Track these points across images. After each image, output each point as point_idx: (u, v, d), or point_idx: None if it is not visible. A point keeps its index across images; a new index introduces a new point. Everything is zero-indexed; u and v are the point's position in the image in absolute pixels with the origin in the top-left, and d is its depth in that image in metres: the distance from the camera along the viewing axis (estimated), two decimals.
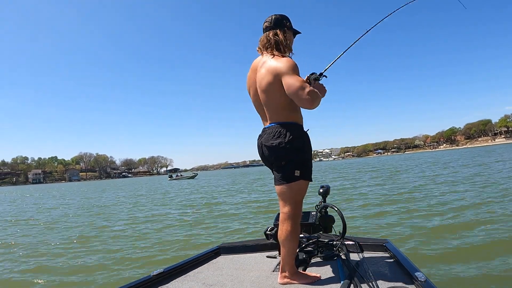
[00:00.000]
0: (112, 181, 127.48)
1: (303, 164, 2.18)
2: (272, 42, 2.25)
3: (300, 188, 2.20)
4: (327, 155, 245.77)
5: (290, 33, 2.33)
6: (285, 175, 2.18)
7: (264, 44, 2.29)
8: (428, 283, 1.90)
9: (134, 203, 17.17)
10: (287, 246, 2.18)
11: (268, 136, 2.21)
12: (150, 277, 2.32)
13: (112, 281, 4.67)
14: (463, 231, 5.78)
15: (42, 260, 6.20)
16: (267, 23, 2.30)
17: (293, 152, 2.15)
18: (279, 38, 2.25)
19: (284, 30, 2.29)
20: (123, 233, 8.47)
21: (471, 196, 9.44)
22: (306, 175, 2.20)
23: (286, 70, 2.08)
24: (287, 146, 2.13)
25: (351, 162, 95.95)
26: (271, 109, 2.23)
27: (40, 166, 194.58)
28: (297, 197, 2.21)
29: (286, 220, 2.19)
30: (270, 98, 2.20)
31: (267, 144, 2.22)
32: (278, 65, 2.12)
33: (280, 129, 2.17)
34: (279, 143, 2.15)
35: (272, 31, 2.28)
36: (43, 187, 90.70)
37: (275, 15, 2.32)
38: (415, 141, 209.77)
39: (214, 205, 13.11)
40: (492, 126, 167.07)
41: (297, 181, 2.16)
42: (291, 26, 2.34)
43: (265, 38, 2.29)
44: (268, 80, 2.16)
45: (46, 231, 9.68)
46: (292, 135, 2.15)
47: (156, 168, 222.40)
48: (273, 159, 2.22)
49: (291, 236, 2.17)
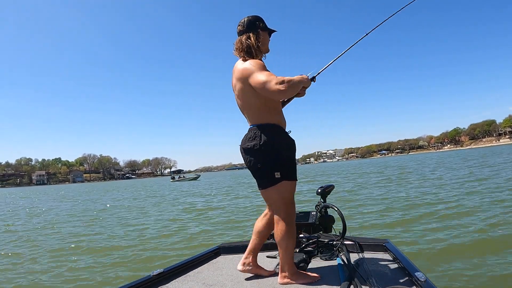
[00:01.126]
0: (116, 182, 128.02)
1: (283, 165, 2.13)
2: (244, 46, 2.23)
3: (285, 189, 2.16)
4: (331, 156, 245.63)
5: (265, 34, 2.30)
6: (266, 178, 2.15)
7: (237, 48, 2.27)
8: (428, 283, 1.89)
9: (132, 207, 17.15)
10: (283, 245, 2.15)
11: (245, 138, 2.22)
12: (150, 277, 2.33)
13: (112, 281, 4.66)
14: (463, 231, 5.78)
15: (40, 260, 6.21)
16: (240, 26, 2.28)
17: (268, 154, 2.11)
18: (251, 42, 2.22)
19: (257, 32, 2.26)
20: (122, 233, 8.48)
21: (473, 197, 9.38)
22: (288, 175, 2.15)
23: (251, 71, 2.09)
24: (262, 148, 2.11)
25: (355, 163, 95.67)
26: (248, 112, 2.24)
27: (44, 167, 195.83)
28: (285, 198, 2.17)
29: (279, 221, 2.16)
30: (244, 102, 2.22)
31: (243, 146, 2.21)
32: (243, 69, 2.14)
33: (256, 131, 2.16)
34: (253, 145, 2.13)
35: (245, 34, 2.25)
36: (46, 188, 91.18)
37: (248, 17, 2.28)
38: (419, 141, 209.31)
39: (214, 207, 13.11)
40: (497, 127, 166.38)
41: (279, 182, 2.13)
42: (265, 26, 2.30)
43: (238, 42, 2.27)
44: (239, 86, 2.19)
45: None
46: (268, 136, 2.12)
47: (160, 169, 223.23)
48: (248, 162, 2.20)
49: (287, 235, 2.14)
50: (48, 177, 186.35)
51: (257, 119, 2.19)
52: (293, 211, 2.21)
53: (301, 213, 2.92)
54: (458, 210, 7.71)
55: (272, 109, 2.20)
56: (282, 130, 2.23)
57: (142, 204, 17.24)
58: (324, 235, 2.94)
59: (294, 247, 2.21)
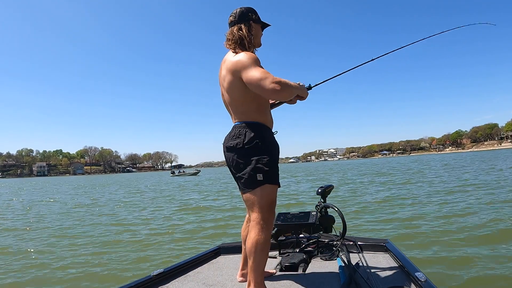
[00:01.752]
0: (116, 175, 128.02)
1: (266, 167, 1.97)
2: (236, 37, 2.10)
3: (267, 193, 1.97)
4: (332, 154, 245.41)
5: (258, 26, 2.19)
6: (247, 180, 1.99)
7: (229, 39, 2.14)
8: (428, 283, 1.89)
9: (130, 202, 17.13)
10: (253, 258, 1.92)
11: (229, 136, 2.09)
12: (150, 277, 2.33)
13: (112, 281, 4.66)
14: (464, 231, 5.78)
15: (39, 260, 6.21)
16: (232, 17, 2.15)
17: (251, 154, 1.98)
18: (243, 33, 2.10)
19: (249, 24, 2.14)
20: (123, 233, 8.48)
21: (475, 198, 9.37)
22: (270, 179, 1.99)
23: (245, 65, 1.95)
24: (246, 147, 1.98)
25: (356, 162, 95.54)
26: (234, 108, 2.11)
27: (45, 158, 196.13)
28: (265, 203, 1.97)
29: (253, 228, 1.95)
30: (232, 97, 2.08)
31: (226, 145, 2.09)
32: (236, 61, 1.99)
33: (240, 129, 2.03)
34: (236, 144, 2.01)
35: (237, 25, 2.12)
36: (45, 179, 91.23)
37: (240, 8, 2.16)
38: (421, 143, 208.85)
39: (213, 206, 13.10)
40: (499, 130, 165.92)
41: (261, 186, 1.96)
42: (257, 19, 2.18)
43: (230, 33, 2.14)
44: (229, 79, 2.04)
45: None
46: (252, 135, 1.99)
47: (161, 163, 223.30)
48: (230, 161, 2.07)
49: (260, 247, 1.91)
50: (49, 169, 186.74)
51: (243, 116, 2.07)
52: (270, 219, 2.00)
53: (301, 213, 2.91)
54: (458, 210, 7.70)
55: (260, 106, 2.08)
56: (268, 130, 2.11)
57: (141, 200, 17.26)
58: (324, 235, 2.95)
59: (265, 262, 1.99)
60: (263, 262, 1.96)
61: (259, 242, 1.91)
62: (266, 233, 1.94)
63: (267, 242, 1.95)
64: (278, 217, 2.92)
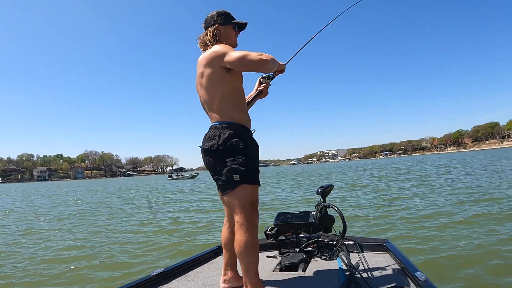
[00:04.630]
0: (116, 179, 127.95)
1: (242, 167, 1.95)
2: (203, 41, 2.18)
3: (245, 193, 1.96)
4: (334, 156, 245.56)
5: (227, 28, 2.20)
6: (224, 181, 1.99)
7: (201, 42, 2.20)
8: (428, 283, 1.89)
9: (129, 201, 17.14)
10: (244, 261, 1.93)
11: (205, 138, 2.09)
12: (150, 277, 2.33)
13: (112, 281, 4.66)
14: (464, 231, 5.77)
15: (37, 259, 6.21)
16: (203, 23, 2.25)
17: (226, 155, 1.97)
18: (207, 37, 2.17)
19: (214, 27, 2.18)
20: (123, 232, 8.49)
21: (476, 199, 9.36)
22: (248, 178, 1.97)
23: (223, 51, 2.00)
24: (220, 148, 1.98)
25: (358, 163, 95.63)
26: (210, 106, 2.11)
27: (45, 163, 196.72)
28: (245, 203, 1.96)
29: (238, 230, 1.96)
30: (210, 93, 2.08)
31: (202, 146, 2.09)
32: (213, 51, 2.04)
33: (215, 130, 2.04)
34: (211, 145, 2.01)
35: (205, 31, 2.21)
36: (45, 184, 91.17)
37: (209, 14, 2.23)
38: (422, 143, 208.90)
39: (213, 206, 13.10)
40: (500, 129, 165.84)
41: (238, 186, 1.96)
42: (223, 21, 2.19)
43: (201, 38, 2.21)
44: (208, 72, 2.05)
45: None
46: (227, 136, 1.99)
47: (162, 166, 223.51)
48: (208, 163, 2.07)
49: (247, 248, 1.91)
50: (50, 173, 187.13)
51: (219, 116, 2.07)
52: (253, 219, 1.98)
53: (301, 213, 2.91)
54: (458, 210, 7.69)
55: (237, 103, 2.09)
56: (244, 129, 2.08)
57: (140, 201, 17.24)
58: (324, 235, 2.95)
59: (257, 262, 1.98)
60: (254, 263, 1.96)
61: (246, 243, 1.91)
62: (252, 233, 1.94)
63: (254, 242, 1.94)
64: (278, 217, 2.92)
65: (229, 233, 2.23)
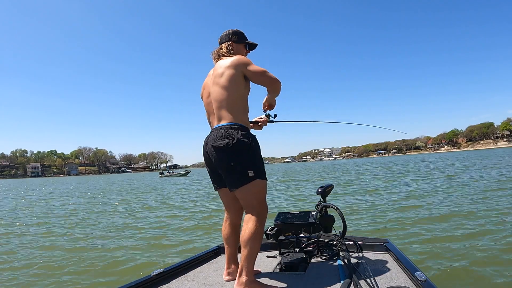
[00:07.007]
0: (111, 176, 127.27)
1: (255, 164, 2.15)
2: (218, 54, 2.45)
3: (259, 188, 2.17)
4: (328, 154, 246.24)
5: (239, 46, 2.48)
6: (238, 177, 2.13)
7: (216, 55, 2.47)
8: (428, 283, 1.90)
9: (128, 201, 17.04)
10: (248, 246, 2.08)
11: (215, 137, 2.20)
12: (150, 277, 2.33)
13: (112, 281, 4.63)
14: (464, 231, 5.78)
15: (36, 259, 6.17)
16: (219, 38, 2.52)
17: (242, 152, 2.13)
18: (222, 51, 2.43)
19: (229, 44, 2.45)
20: (122, 233, 8.45)
21: (476, 199, 9.39)
22: (261, 174, 2.18)
23: (248, 61, 2.27)
24: (235, 146, 2.12)
25: (353, 162, 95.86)
26: (221, 105, 2.25)
27: (39, 159, 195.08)
28: (259, 197, 2.17)
29: (250, 219, 2.13)
30: (228, 93, 2.24)
31: (214, 144, 2.18)
32: (238, 58, 2.28)
33: (227, 130, 2.17)
34: (227, 143, 2.12)
35: (220, 45, 2.48)
36: (38, 180, 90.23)
37: (225, 31, 2.51)
38: (417, 142, 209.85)
39: (213, 206, 13.09)
40: (495, 129, 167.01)
41: (253, 181, 2.13)
42: (238, 39, 2.48)
43: (216, 50, 2.48)
44: (229, 73, 2.24)
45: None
46: (240, 136, 2.15)
47: (156, 163, 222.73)
48: (219, 160, 2.18)
49: (254, 236, 2.08)
50: (43, 169, 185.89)
51: (231, 118, 2.23)
52: (264, 212, 2.19)
53: (301, 213, 2.90)
54: (459, 210, 7.72)
55: (246, 108, 2.31)
56: (251, 132, 2.29)
57: (135, 200, 17.16)
58: (324, 234, 2.95)
59: (258, 251, 2.14)
60: (256, 252, 2.13)
61: (255, 232, 2.09)
62: (262, 224, 2.14)
63: (261, 232, 2.13)
64: (278, 216, 2.92)
65: (230, 228, 2.41)
